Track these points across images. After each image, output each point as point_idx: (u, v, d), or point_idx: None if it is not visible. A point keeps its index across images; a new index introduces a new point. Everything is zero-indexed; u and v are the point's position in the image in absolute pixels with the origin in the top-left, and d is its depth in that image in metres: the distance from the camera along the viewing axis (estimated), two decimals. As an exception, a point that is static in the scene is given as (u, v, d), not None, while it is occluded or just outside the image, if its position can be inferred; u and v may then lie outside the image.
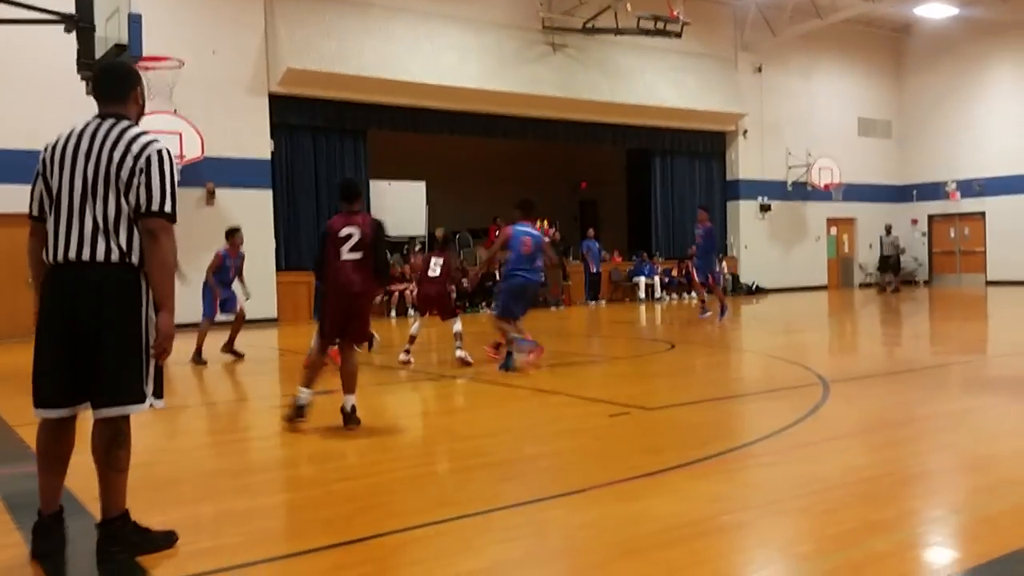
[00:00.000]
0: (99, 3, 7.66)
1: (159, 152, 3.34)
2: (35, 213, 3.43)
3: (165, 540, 3.45)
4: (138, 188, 3.28)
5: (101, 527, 3.38)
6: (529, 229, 8.69)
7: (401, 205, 20.23)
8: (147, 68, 13.94)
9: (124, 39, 7.16)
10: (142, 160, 3.30)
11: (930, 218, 26.45)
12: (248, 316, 13.18)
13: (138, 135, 3.36)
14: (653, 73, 21.41)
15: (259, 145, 16.82)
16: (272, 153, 17.12)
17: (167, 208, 3.32)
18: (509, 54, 19.50)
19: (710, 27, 22.50)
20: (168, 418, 6.86)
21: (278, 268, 17.15)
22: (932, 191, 26.08)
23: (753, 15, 23.19)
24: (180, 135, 15.26)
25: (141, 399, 3.35)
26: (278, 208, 17.20)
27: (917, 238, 26.54)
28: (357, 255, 5.93)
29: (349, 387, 5.93)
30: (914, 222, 26.55)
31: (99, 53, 7.74)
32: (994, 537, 3.41)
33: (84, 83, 9.85)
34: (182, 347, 8.64)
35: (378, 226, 6.09)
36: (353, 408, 5.89)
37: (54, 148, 3.39)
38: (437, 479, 4.60)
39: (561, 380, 8.57)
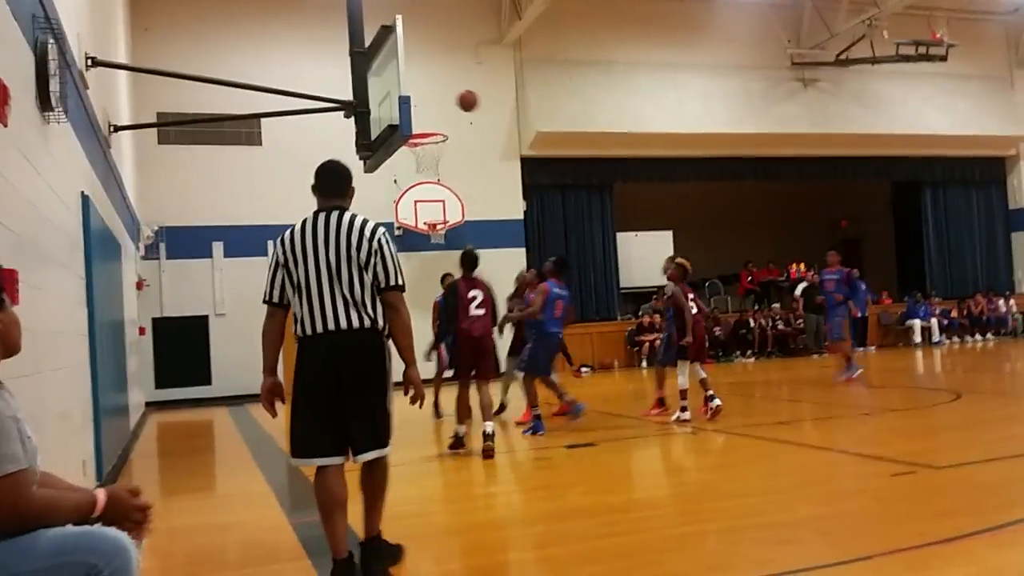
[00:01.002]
0: (373, 89, 8.42)
1: (385, 235, 3.95)
2: (276, 300, 3.94)
3: (400, 552, 4.10)
4: (375, 267, 3.85)
5: (365, 544, 4.01)
6: (562, 291, 8.71)
7: (648, 255, 20.19)
8: (416, 144, 15.15)
9: (396, 120, 7.77)
10: (375, 243, 3.86)
11: None
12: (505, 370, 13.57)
13: (365, 222, 3.93)
14: (918, 100, 19.99)
15: (513, 206, 17.63)
16: (524, 213, 17.85)
17: (400, 281, 3.91)
18: (756, 95, 19.09)
19: (979, 46, 20.69)
20: (434, 470, 7.25)
21: (533, 323, 17.74)
22: None
23: (1030, 28, 21.09)
24: (443, 202, 16.38)
25: (387, 443, 3.88)
26: (531, 264, 17.81)
27: None
28: (482, 311, 7.65)
29: (487, 416, 7.44)
30: None
31: (374, 134, 8.45)
32: None
33: (361, 162, 10.86)
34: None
35: (490, 288, 7.93)
36: (493, 432, 7.28)
37: (292, 242, 3.91)
38: (707, 539, 4.46)
39: (832, 434, 8.06)
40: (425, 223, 16.33)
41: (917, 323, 20.11)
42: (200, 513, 6.13)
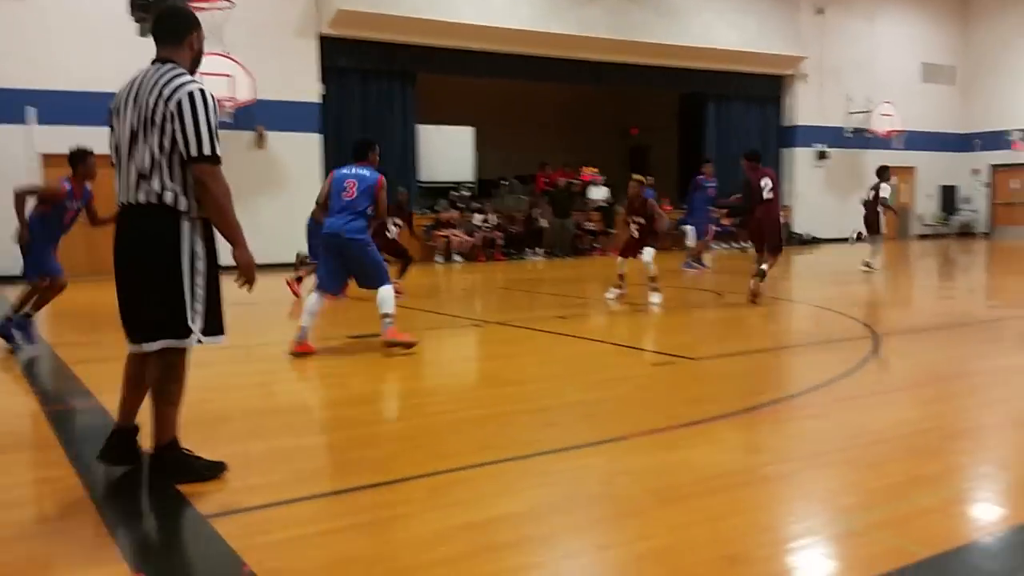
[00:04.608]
0: (150, -57, 7.66)
1: (190, 95, 3.34)
2: (112, 162, 3.54)
3: (212, 470, 3.57)
4: (174, 133, 3.33)
5: (151, 456, 3.60)
6: (357, 170, 6.76)
7: (449, 151, 20.16)
8: (196, 8, 13.95)
9: (174, -21, 7.15)
10: (172, 104, 3.33)
11: (993, 168, 25.57)
12: (291, 260, 13.11)
13: (173, 79, 3.37)
14: (711, 13, 20.81)
15: (308, 88, 16.82)
16: (323, 96, 17.11)
17: (206, 151, 3.36)
18: (561, -5, 19.13)
19: (770, -34, 21.77)
20: (218, 358, 7.01)
21: (327, 212, 17.29)
22: (996, 140, 25.17)
23: (816, -46, 22.39)
24: (231, 78, 15.34)
25: (184, 334, 3.47)
26: (328, 152, 17.24)
27: (978, 188, 25.75)
28: None
29: None
30: (975, 172, 25.72)
31: (150, -6, 7.75)
32: (1044, 496, 3.34)
33: (138, 25, 9.95)
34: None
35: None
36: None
37: (117, 97, 3.49)
38: (480, 423, 4.64)
39: (605, 328, 8.57)
40: (212, 99, 15.26)
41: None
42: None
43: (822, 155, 23.64)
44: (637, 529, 3.05)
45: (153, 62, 3.49)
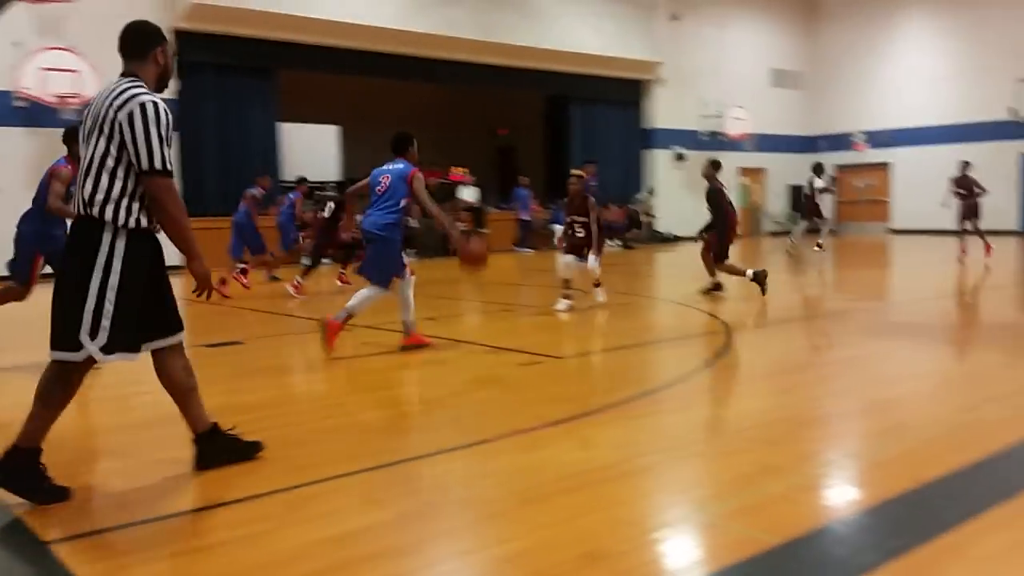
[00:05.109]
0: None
1: (142, 106, 3.33)
2: None
3: (56, 494, 3.36)
4: (122, 143, 3.32)
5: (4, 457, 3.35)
6: (392, 165, 6.89)
7: (313, 149, 19.68)
8: (37, 0, 13.11)
9: (5, -33, 6.65)
10: (123, 114, 3.31)
11: (838, 168, 27.19)
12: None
13: (126, 89, 3.36)
14: (572, 16, 21.21)
15: (162, 84, 16.02)
16: (179, 92, 16.36)
17: (157, 165, 3.37)
18: (425, -6, 19.03)
19: (628, -28, 22.37)
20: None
21: (185, 214, 16.53)
22: (840, 142, 26.78)
23: (671, -39, 23.17)
24: (77, 73, 14.48)
25: (75, 348, 3.34)
26: (183, 151, 16.51)
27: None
28: None
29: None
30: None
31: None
32: (886, 480, 3.53)
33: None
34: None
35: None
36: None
37: (86, 109, 3.52)
38: (342, 432, 4.52)
39: (475, 330, 8.55)
40: (55, 95, 14.37)
41: (559, 228, 21.80)
42: None
43: (680, 156, 24.48)
44: (500, 532, 3.04)
45: (121, 76, 3.50)
